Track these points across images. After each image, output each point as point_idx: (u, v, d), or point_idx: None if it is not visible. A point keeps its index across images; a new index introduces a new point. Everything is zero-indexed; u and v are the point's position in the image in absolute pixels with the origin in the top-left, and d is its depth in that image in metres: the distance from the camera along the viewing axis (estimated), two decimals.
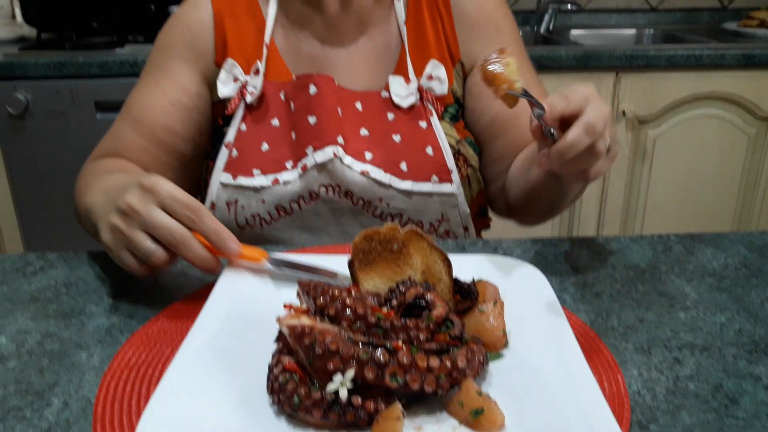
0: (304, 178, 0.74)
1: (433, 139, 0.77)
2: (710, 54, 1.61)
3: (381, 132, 0.77)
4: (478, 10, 0.81)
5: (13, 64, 1.52)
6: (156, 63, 0.81)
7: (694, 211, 1.77)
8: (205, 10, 0.81)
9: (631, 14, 2.17)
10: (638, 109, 1.65)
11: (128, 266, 0.57)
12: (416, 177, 0.75)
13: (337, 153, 0.73)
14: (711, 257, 0.68)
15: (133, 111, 0.80)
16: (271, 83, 0.78)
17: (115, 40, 1.70)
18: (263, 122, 0.78)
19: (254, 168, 0.76)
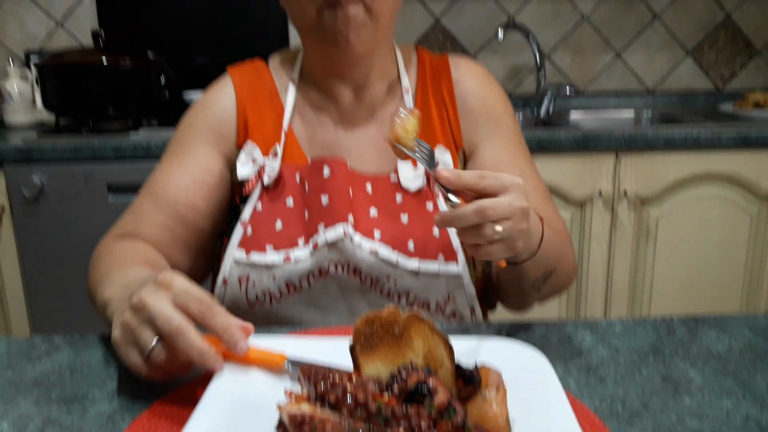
0: (314, 256, 0.77)
1: None
2: (707, 135, 1.65)
3: (389, 212, 0.80)
4: (480, 104, 0.87)
5: (30, 148, 1.57)
6: (179, 143, 0.86)
7: (702, 291, 1.76)
8: (228, 97, 0.86)
9: (629, 97, 2.24)
10: (639, 189, 1.68)
11: (132, 364, 0.56)
12: (423, 256, 0.77)
13: (347, 231, 0.76)
14: (715, 340, 0.68)
15: (156, 188, 0.83)
16: (288, 165, 0.82)
17: (129, 125, 1.76)
18: (278, 202, 0.81)
19: (267, 245, 0.78)
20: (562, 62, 2.22)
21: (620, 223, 1.70)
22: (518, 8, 2.17)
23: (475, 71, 0.88)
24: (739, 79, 2.26)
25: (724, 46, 2.24)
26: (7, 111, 1.93)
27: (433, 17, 2.17)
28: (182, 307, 0.54)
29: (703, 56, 2.24)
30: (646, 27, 2.21)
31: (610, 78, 2.24)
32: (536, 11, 2.18)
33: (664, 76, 2.25)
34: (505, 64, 2.22)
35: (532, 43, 2.07)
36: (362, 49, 0.78)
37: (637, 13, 2.20)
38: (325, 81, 0.84)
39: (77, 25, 2.11)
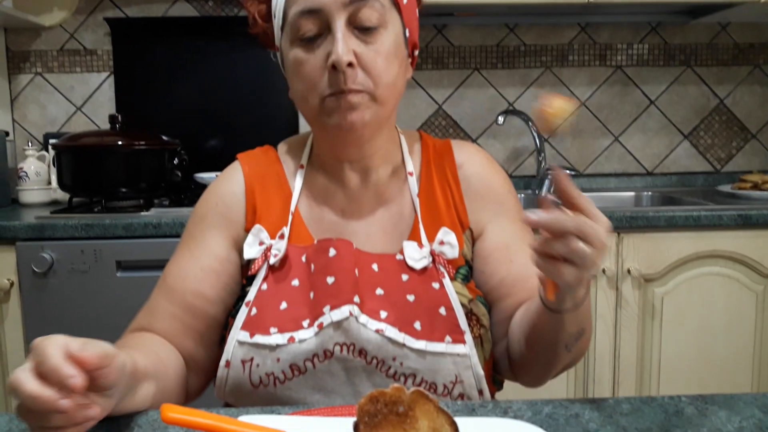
0: (319, 336, 0.76)
1: (446, 300, 0.80)
2: (708, 215, 1.67)
3: (396, 292, 0.80)
4: (485, 186, 0.89)
5: (43, 225, 1.60)
6: (191, 233, 0.88)
7: (711, 369, 1.74)
8: (237, 183, 0.89)
9: (629, 178, 2.29)
10: (643, 267, 1.69)
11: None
12: (430, 337, 0.77)
13: (352, 312, 0.76)
14: (725, 420, 0.67)
15: (168, 280, 0.86)
16: (294, 247, 0.83)
17: (141, 204, 1.80)
18: (284, 282, 0.81)
19: (271, 326, 0.78)
20: (562, 146, 2.28)
21: (625, 301, 1.70)
22: (517, 95, 2.26)
23: (478, 155, 0.91)
24: (736, 161, 2.32)
25: (719, 130, 2.30)
26: (23, 190, 1.98)
27: (436, 104, 2.25)
28: (51, 381, 0.55)
29: (700, 140, 2.31)
30: (642, 112, 2.28)
31: (609, 160, 2.30)
32: (535, 98, 2.26)
33: (662, 158, 2.30)
34: (506, 147, 2.28)
35: (531, 127, 2.14)
36: (366, 130, 0.80)
37: (633, 99, 2.28)
38: (332, 165, 0.87)
39: (95, 110, 2.20)
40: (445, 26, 2.22)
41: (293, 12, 0.78)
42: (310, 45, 0.78)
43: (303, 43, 0.79)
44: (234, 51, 2.13)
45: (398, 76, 0.81)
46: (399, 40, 0.81)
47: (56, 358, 0.54)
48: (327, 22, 0.77)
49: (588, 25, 2.24)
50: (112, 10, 2.17)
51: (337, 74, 0.76)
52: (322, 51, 0.78)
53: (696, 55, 2.27)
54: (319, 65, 0.77)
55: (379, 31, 0.78)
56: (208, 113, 2.17)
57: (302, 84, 0.79)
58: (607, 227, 0.63)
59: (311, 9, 0.77)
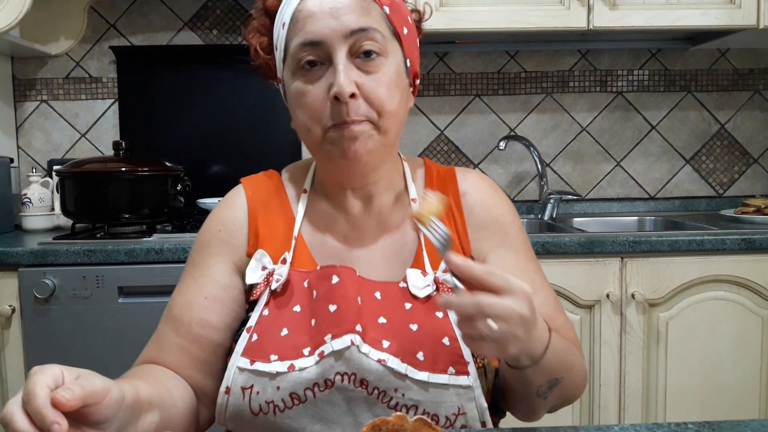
0: (320, 365, 0.75)
1: (450, 330, 0.79)
2: (711, 239, 1.67)
3: (399, 321, 0.79)
4: (488, 214, 0.89)
5: (45, 251, 1.61)
6: (195, 262, 0.88)
7: (717, 395, 1.71)
8: (240, 208, 0.89)
9: (631, 202, 2.29)
10: (647, 292, 1.68)
11: None
12: (433, 368, 0.76)
13: (354, 341, 0.75)
14: None
15: (174, 311, 0.86)
16: (296, 272, 0.83)
17: (144, 230, 1.80)
18: (285, 308, 0.81)
19: (272, 354, 0.77)
20: (563, 170, 2.29)
21: (630, 326, 1.69)
22: (518, 120, 2.27)
23: (482, 183, 0.91)
24: (738, 186, 2.32)
25: (721, 155, 2.31)
26: (26, 216, 1.98)
27: (438, 129, 2.27)
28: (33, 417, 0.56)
29: (702, 164, 2.31)
30: (643, 137, 2.29)
31: (612, 185, 2.30)
32: (536, 123, 2.27)
33: (665, 183, 2.31)
34: (508, 172, 2.29)
35: (533, 152, 2.15)
36: (370, 159, 0.80)
37: (634, 124, 2.29)
38: (334, 192, 0.87)
39: (100, 136, 2.22)
40: (447, 54, 2.25)
41: (295, 44, 0.79)
42: (312, 76, 0.79)
43: (304, 74, 0.79)
44: (237, 78, 2.15)
45: (400, 105, 0.81)
46: (400, 70, 0.82)
47: (41, 400, 0.55)
48: (328, 53, 0.78)
49: (588, 51, 2.26)
50: (118, 38, 2.20)
51: (339, 105, 0.77)
52: (324, 82, 0.78)
53: (696, 80, 2.29)
54: (322, 96, 0.78)
55: (380, 61, 0.79)
56: (212, 139, 2.18)
57: (305, 115, 0.80)
58: (522, 294, 0.64)
59: (312, 41, 0.78)
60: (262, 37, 0.86)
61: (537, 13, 1.89)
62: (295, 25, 0.80)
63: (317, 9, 0.78)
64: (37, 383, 0.56)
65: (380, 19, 0.80)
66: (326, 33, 0.77)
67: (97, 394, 0.59)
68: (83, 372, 0.61)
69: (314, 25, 0.78)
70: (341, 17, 0.78)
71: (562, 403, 0.84)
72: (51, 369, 0.58)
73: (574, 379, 0.81)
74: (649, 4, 1.90)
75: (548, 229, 2.06)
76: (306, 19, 0.79)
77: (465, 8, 1.88)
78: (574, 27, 1.90)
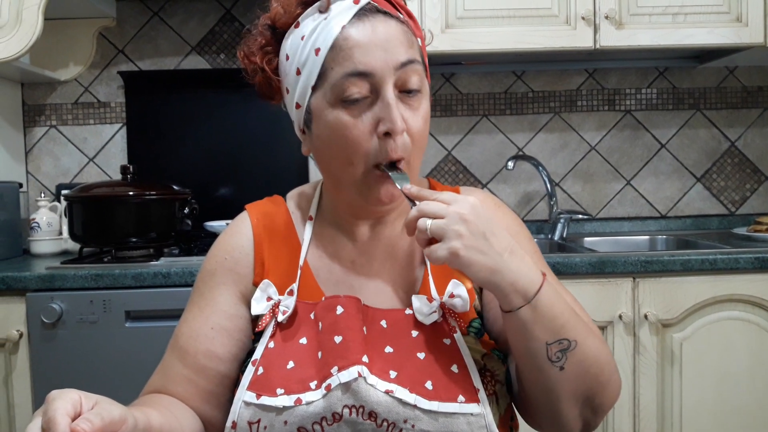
0: (327, 399, 0.73)
1: (458, 357, 0.77)
2: (724, 258, 1.64)
3: (405, 350, 0.77)
4: None
5: (53, 276, 1.60)
6: (200, 291, 0.87)
7: (734, 416, 1.68)
8: (245, 236, 0.88)
9: (642, 221, 2.27)
10: (660, 313, 1.65)
11: None
12: (442, 397, 0.74)
13: (361, 372, 0.73)
14: None
15: (180, 341, 0.85)
16: (303, 303, 0.82)
17: (151, 254, 1.80)
18: (291, 341, 0.79)
19: (278, 387, 0.76)
20: (573, 190, 2.28)
21: (643, 348, 1.66)
22: (526, 140, 2.27)
23: (486, 201, 0.89)
24: (750, 204, 2.29)
25: (732, 173, 2.29)
26: (34, 240, 1.99)
27: (446, 150, 2.26)
28: None
29: (713, 182, 2.29)
30: (653, 156, 2.28)
31: (622, 204, 2.28)
32: (544, 143, 2.27)
33: (675, 201, 2.29)
34: (517, 192, 2.27)
35: (541, 172, 2.14)
36: (399, 202, 0.81)
37: (643, 143, 2.28)
38: (344, 220, 0.86)
39: (108, 161, 2.23)
40: (453, 75, 2.25)
41: (339, 72, 0.76)
42: (355, 108, 0.76)
43: (347, 104, 0.76)
44: (245, 102, 2.16)
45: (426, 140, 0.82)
46: (428, 104, 0.82)
47: (61, 428, 0.56)
48: (376, 86, 0.76)
49: (595, 70, 2.26)
50: (126, 63, 2.23)
51: (388, 141, 0.76)
52: (370, 116, 0.76)
53: (705, 98, 2.28)
54: (368, 131, 0.76)
55: (420, 96, 0.79)
56: (219, 163, 2.19)
57: (347, 148, 0.77)
58: (464, 200, 0.71)
59: (362, 72, 0.75)
60: (268, 55, 0.84)
61: (543, 33, 1.89)
62: (338, 53, 0.76)
63: (366, 39, 0.76)
64: (57, 411, 0.56)
65: (418, 52, 0.80)
66: (377, 65, 0.75)
67: (115, 423, 0.59)
68: (100, 399, 0.61)
69: (365, 56, 0.75)
70: (391, 49, 0.76)
71: (593, 405, 0.77)
72: (70, 395, 0.59)
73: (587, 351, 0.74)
74: (655, 23, 1.90)
75: (558, 249, 2.05)
76: (353, 48, 0.76)
77: (471, 30, 1.89)
78: (581, 47, 1.90)
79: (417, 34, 0.81)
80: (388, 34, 0.76)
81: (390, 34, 0.76)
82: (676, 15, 1.90)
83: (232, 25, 2.22)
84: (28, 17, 1.78)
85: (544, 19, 1.89)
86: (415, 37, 0.80)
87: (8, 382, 1.64)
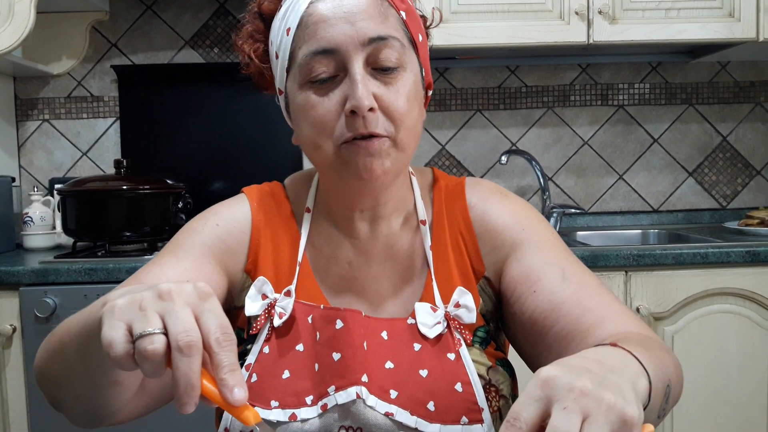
0: (323, 418, 0.71)
1: (463, 374, 0.73)
2: (716, 252, 1.66)
3: (407, 366, 0.73)
4: (497, 224, 0.80)
5: (46, 270, 1.60)
6: (179, 244, 0.79)
7: (725, 409, 1.69)
8: (243, 212, 0.81)
9: (635, 215, 2.28)
10: (652, 306, 1.66)
11: (111, 339, 0.48)
12: (444, 419, 0.71)
13: (360, 393, 0.70)
14: None
15: (144, 281, 0.73)
16: (301, 305, 0.77)
17: (145, 248, 1.80)
18: (288, 347, 0.75)
19: (272, 399, 0.72)
20: (566, 184, 2.28)
21: None
22: (520, 134, 2.27)
23: (491, 192, 0.83)
24: (741, 198, 2.31)
25: (723, 167, 2.30)
26: (27, 235, 1.98)
27: (440, 144, 2.27)
28: (203, 327, 0.49)
29: (704, 177, 2.30)
30: (645, 150, 2.29)
31: (615, 198, 2.29)
32: (537, 137, 2.27)
33: (668, 195, 2.30)
34: (510, 186, 2.28)
35: (534, 167, 2.15)
36: (386, 179, 0.73)
37: (636, 138, 2.29)
38: (340, 213, 0.80)
39: (101, 155, 2.22)
40: (447, 69, 2.25)
41: (304, 52, 0.71)
42: (323, 88, 0.71)
43: (315, 85, 0.72)
44: (239, 96, 2.16)
45: (418, 119, 0.75)
46: (417, 81, 0.75)
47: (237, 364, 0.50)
48: (343, 63, 0.70)
49: (589, 65, 2.27)
50: (119, 57, 2.22)
51: (356, 119, 0.70)
52: (338, 94, 0.71)
53: (697, 93, 2.29)
54: (335, 109, 0.71)
55: (399, 72, 0.72)
56: (213, 157, 2.19)
57: (313, 130, 0.72)
58: (535, 381, 0.48)
59: (326, 49, 0.70)
60: (257, 43, 0.79)
61: (537, 28, 1.89)
62: (304, 30, 0.71)
63: (330, 13, 0.70)
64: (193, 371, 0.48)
65: (398, 25, 0.73)
66: (341, 40, 0.70)
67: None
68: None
69: (327, 31, 0.70)
70: (358, 23, 0.70)
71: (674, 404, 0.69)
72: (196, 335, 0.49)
73: (676, 372, 0.68)
74: (648, 18, 1.91)
75: None
76: (317, 24, 0.71)
77: (465, 24, 1.89)
78: (575, 42, 1.90)
79: (400, 7, 0.74)
80: (355, 6, 0.70)
81: (357, 6, 0.71)
82: (669, 10, 1.91)
83: (225, 19, 2.22)
84: (20, 10, 1.77)
85: (538, 14, 1.90)
86: (396, 10, 0.74)
87: (2, 376, 1.64)
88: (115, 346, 0.48)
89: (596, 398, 0.45)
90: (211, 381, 0.50)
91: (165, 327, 0.49)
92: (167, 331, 0.48)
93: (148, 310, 0.49)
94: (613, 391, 0.45)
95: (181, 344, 0.47)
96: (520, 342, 0.79)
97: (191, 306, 0.50)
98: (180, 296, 0.50)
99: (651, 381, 0.54)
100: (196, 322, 0.49)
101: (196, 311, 0.50)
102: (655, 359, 0.58)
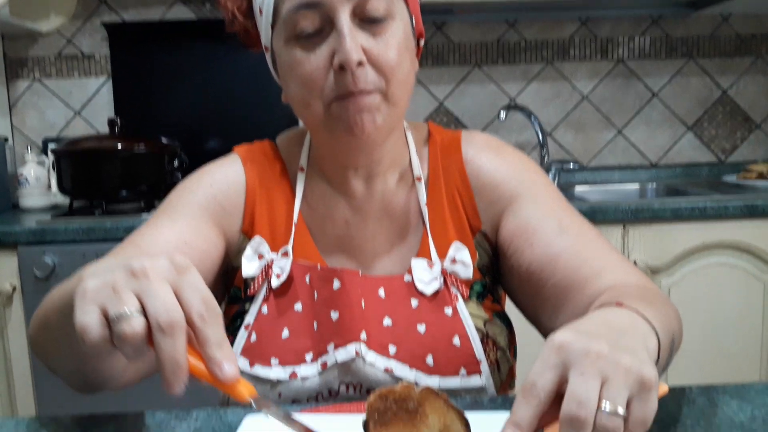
0: (323, 376, 0.72)
1: (460, 327, 0.74)
2: (714, 206, 1.66)
3: (405, 322, 0.73)
4: (494, 177, 0.79)
5: (44, 230, 1.60)
6: (173, 205, 0.78)
7: (719, 359, 1.72)
8: (236, 172, 0.80)
9: (633, 170, 2.27)
10: (649, 259, 1.67)
11: (85, 325, 0.45)
12: (443, 372, 0.72)
13: (359, 351, 0.71)
14: (737, 409, 0.66)
15: (140, 242, 0.72)
16: (298, 265, 0.76)
17: (142, 207, 1.79)
18: (286, 307, 0.75)
19: (272, 356, 0.73)
20: (565, 139, 2.27)
21: None
22: (519, 90, 2.25)
23: (487, 145, 0.82)
24: (740, 152, 2.30)
25: (723, 121, 2.29)
26: (23, 195, 1.97)
27: (437, 101, 2.24)
28: (184, 302, 0.46)
29: (704, 131, 2.29)
30: (645, 105, 2.27)
31: (613, 153, 2.28)
32: (536, 92, 2.25)
33: (666, 150, 2.29)
34: (509, 142, 2.24)
35: (533, 122, 2.13)
36: (378, 134, 0.71)
37: (635, 92, 2.26)
38: (335, 171, 0.79)
39: (94, 114, 2.19)
40: (445, 23, 2.21)
41: (288, 7, 0.69)
42: (310, 43, 0.69)
43: (301, 41, 0.69)
44: (232, 52, 2.12)
45: (410, 71, 0.72)
46: (408, 31, 0.72)
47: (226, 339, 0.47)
48: (329, 16, 0.68)
49: (588, 19, 2.23)
50: (109, 14, 2.17)
51: (344, 75, 0.67)
52: (325, 49, 0.68)
53: (698, 46, 2.25)
54: (322, 65, 0.68)
55: (387, 23, 0.69)
56: (207, 114, 2.16)
57: (302, 87, 0.70)
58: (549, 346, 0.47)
59: (310, 2, 0.67)
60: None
61: None
62: None
63: None
64: (216, 305, 0.47)
65: None
66: None
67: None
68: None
69: None
70: None
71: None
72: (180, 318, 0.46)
73: (677, 324, 0.67)
74: None
75: None
76: None
77: None
78: None
79: None
80: None
81: None
82: None
83: None
84: None
85: None
86: None
87: (4, 334, 1.65)
88: (90, 332, 0.45)
89: (613, 361, 0.44)
90: (199, 358, 0.47)
91: (143, 306, 0.46)
92: (146, 310, 0.45)
93: (122, 291, 0.46)
94: (629, 353, 0.45)
95: (162, 324, 0.45)
96: (518, 295, 0.80)
97: (169, 281, 0.47)
98: (155, 272, 0.47)
99: (660, 339, 0.54)
100: (177, 297, 0.46)
101: (175, 286, 0.47)
102: (659, 315, 0.58)
